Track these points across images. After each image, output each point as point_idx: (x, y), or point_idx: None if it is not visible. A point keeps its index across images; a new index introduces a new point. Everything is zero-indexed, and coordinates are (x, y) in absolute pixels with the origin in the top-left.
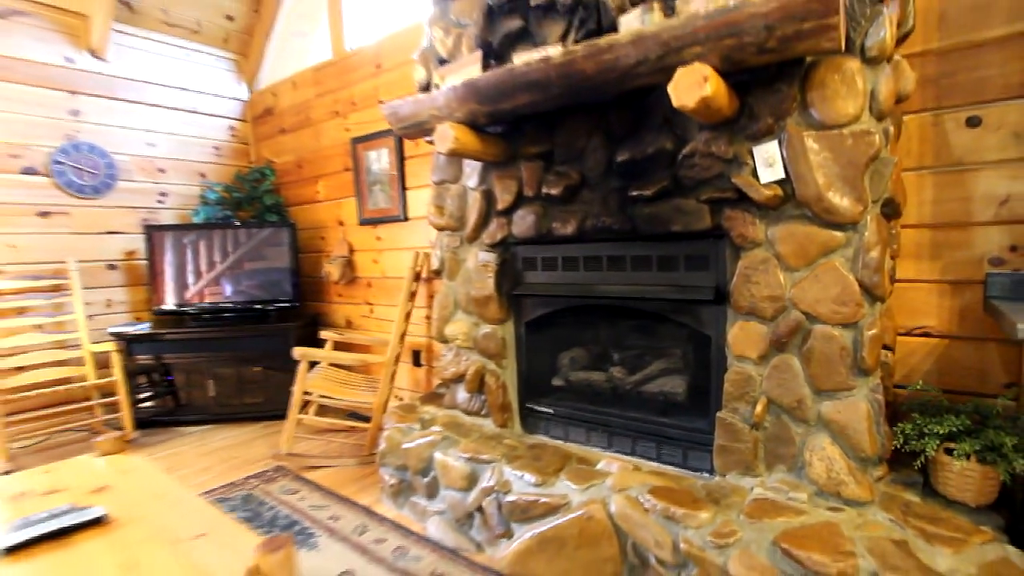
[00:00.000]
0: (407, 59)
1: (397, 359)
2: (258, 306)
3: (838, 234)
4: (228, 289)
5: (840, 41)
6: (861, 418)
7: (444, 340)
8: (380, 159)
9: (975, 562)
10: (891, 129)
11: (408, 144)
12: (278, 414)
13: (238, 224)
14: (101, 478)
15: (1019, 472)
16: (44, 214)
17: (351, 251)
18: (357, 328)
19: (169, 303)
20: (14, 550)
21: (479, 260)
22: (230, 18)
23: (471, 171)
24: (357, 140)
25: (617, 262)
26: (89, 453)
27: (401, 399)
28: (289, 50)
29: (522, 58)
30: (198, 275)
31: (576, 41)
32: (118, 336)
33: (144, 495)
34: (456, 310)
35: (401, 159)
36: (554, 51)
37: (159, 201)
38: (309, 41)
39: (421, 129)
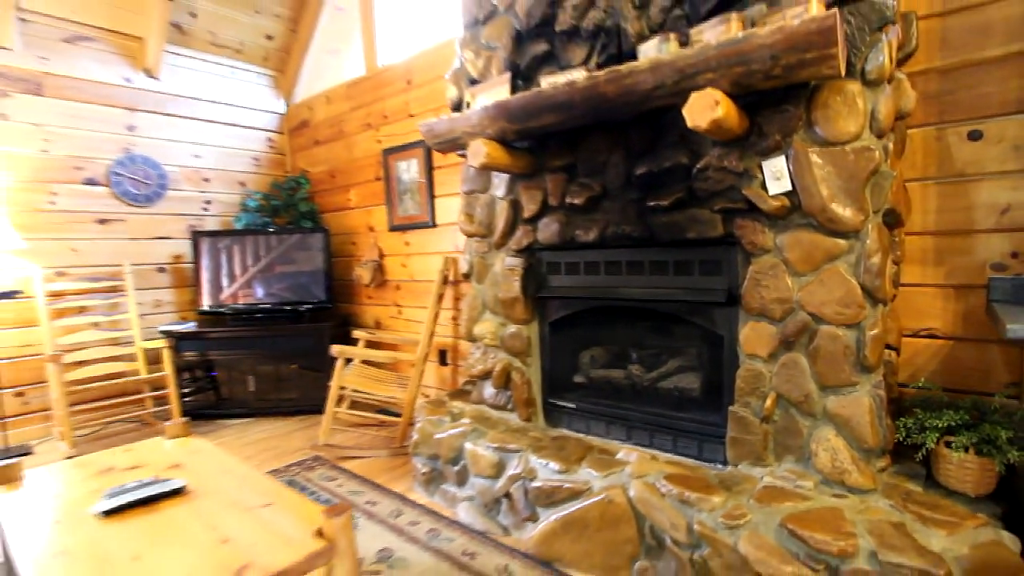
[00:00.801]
0: (436, 76)
1: (426, 357)
2: (293, 307)
3: (841, 242)
4: (266, 291)
5: (839, 68)
6: (863, 412)
7: (473, 339)
8: (410, 169)
9: (967, 543)
10: (890, 145)
11: (436, 155)
12: (312, 409)
13: (275, 230)
14: (174, 457)
15: (1013, 463)
16: (103, 221)
17: (381, 256)
18: (386, 328)
19: (212, 304)
20: (111, 513)
21: (506, 264)
22: (270, 38)
23: (499, 182)
24: (388, 151)
25: (636, 267)
26: (156, 437)
27: (427, 396)
28: (322, 66)
29: (549, 81)
30: (238, 277)
31: (598, 64)
32: (168, 334)
33: (213, 471)
34: (484, 311)
35: (430, 169)
36: (579, 75)
37: (204, 208)
38: (342, 58)
39: (455, 144)
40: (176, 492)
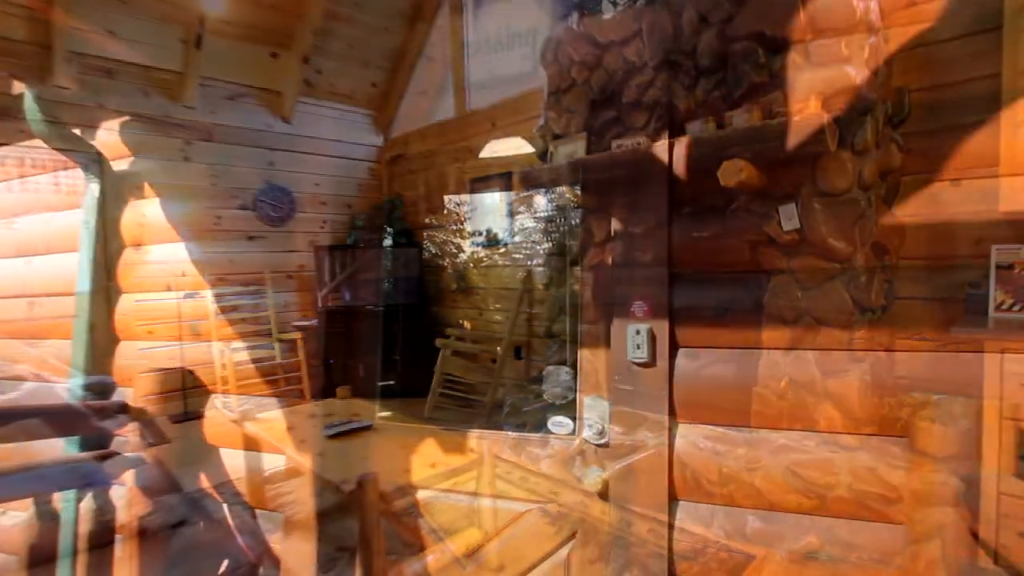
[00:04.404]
0: (517, 119)
1: (507, 351)
2: (392, 308)
3: (837, 265)
4: (369, 294)
5: (829, 147)
6: (854, 391)
7: (551, 335)
8: (492, 195)
9: (918, 480)
10: (873, 197)
11: (515, 184)
12: (408, 393)
13: (377, 244)
14: (350, 409)
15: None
16: (251, 238)
17: (465, 267)
18: (468, 328)
19: (328, 304)
20: (334, 436)
21: (579, 277)
22: (374, 85)
23: (574, 213)
24: (473, 180)
25: None
26: (328, 399)
27: (504, 384)
28: (412, 105)
29: (617, 143)
30: (348, 283)
31: (655, 129)
32: (299, 328)
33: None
34: (561, 313)
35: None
36: (640, 141)
37: (321, 227)
38: (429, 98)
39: (545, 186)
40: (368, 427)
